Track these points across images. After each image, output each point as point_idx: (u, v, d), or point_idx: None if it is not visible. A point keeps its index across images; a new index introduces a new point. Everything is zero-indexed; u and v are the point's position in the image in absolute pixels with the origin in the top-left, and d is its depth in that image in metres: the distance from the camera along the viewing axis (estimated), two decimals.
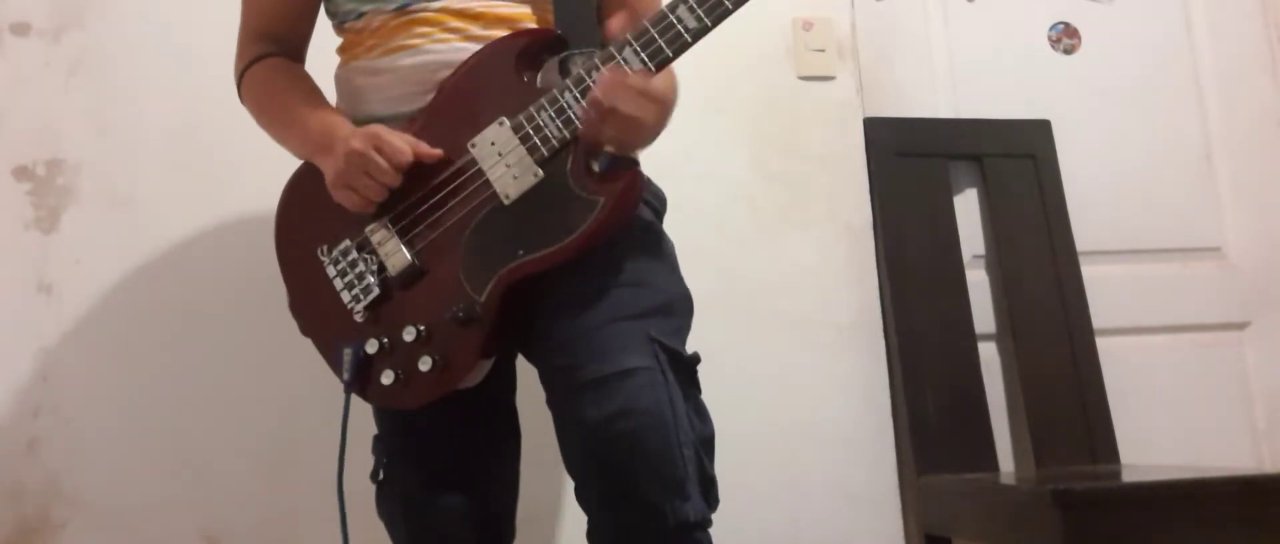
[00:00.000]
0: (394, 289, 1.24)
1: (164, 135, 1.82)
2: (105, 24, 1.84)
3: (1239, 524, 1.51)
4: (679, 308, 1.26)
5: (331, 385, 1.42)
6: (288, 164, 1.35)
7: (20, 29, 1.82)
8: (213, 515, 1.74)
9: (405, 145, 1.21)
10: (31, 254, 1.76)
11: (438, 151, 1.23)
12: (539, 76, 1.27)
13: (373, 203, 1.23)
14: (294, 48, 1.41)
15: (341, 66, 1.39)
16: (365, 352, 1.23)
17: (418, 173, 1.22)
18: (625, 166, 1.23)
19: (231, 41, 1.41)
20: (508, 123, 1.21)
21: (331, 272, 1.27)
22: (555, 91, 1.20)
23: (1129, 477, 1.73)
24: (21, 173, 1.79)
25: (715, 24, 1.19)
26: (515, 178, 1.21)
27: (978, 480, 1.81)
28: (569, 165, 1.20)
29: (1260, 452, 2.16)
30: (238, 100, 1.40)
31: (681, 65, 1.46)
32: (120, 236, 1.78)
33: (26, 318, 1.74)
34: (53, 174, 1.79)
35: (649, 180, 1.34)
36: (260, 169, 1.46)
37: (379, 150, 1.20)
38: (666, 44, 1.18)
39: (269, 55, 1.37)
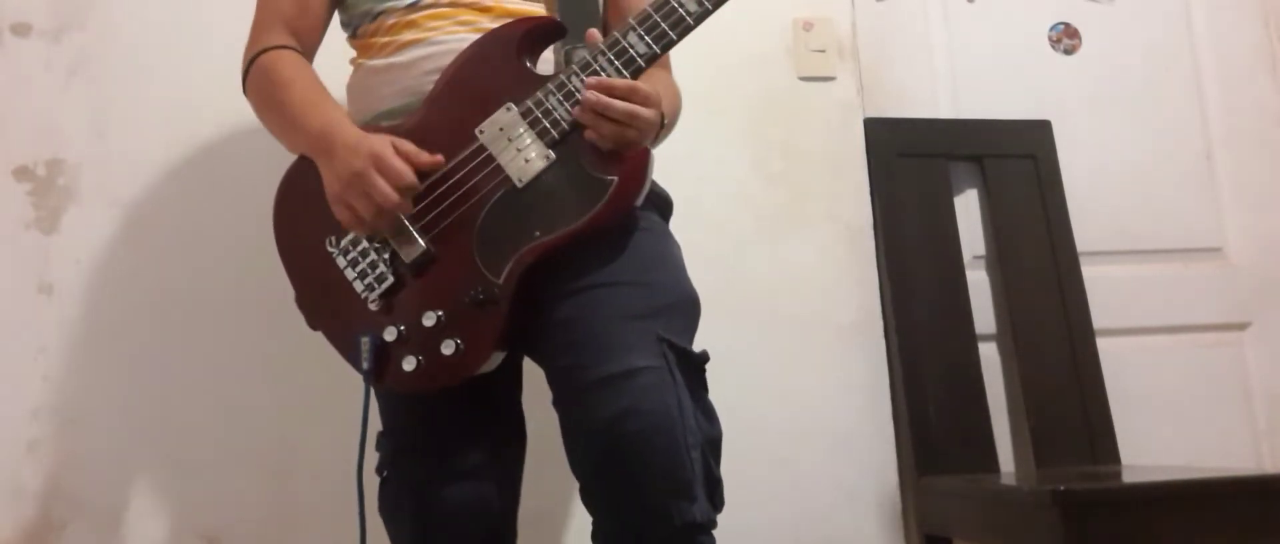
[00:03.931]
0: (408, 276, 1.24)
1: (164, 135, 1.81)
2: (105, 24, 1.84)
3: (1239, 524, 1.51)
4: (686, 308, 1.26)
5: (331, 384, 1.42)
6: (288, 163, 1.35)
7: (20, 29, 1.82)
8: (213, 515, 1.73)
9: (405, 167, 1.20)
10: (31, 254, 1.76)
11: (438, 158, 1.23)
12: (540, 65, 1.29)
13: (369, 224, 1.22)
14: (306, 47, 1.40)
15: (354, 74, 1.40)
16: (383, 340, 1.23)
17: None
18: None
19: (232, 41, 1.41)
20: (516, 108, 1.23)
21: (342, 262, 1.27)
22: (562, 76, 1.22)
23: (1129, 477, 1.73)
24: (21, 173, 1.78)
25: (715, 7, 1.22)
26: (527, 161, 1.22)
27: (978, 481, 1.81)
28: (580, 147, 1.21)
29: (1260, 452, 2.16)
30: (241, 95, 1.39)
31: (682, 65, 1.47)
32: (120, 236, 1.78)
33: (26, 318, 1.74)
34: (53, 174, 1.79)
35: (655, 182, 1.35)
36: (260, 169, 1.45)
37: (381, 172, 1.20)
38: (670, 28, 1.21)
39: (280, 47, 1.36)
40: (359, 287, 1.26)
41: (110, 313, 1.76)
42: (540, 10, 1.34)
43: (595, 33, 1.23)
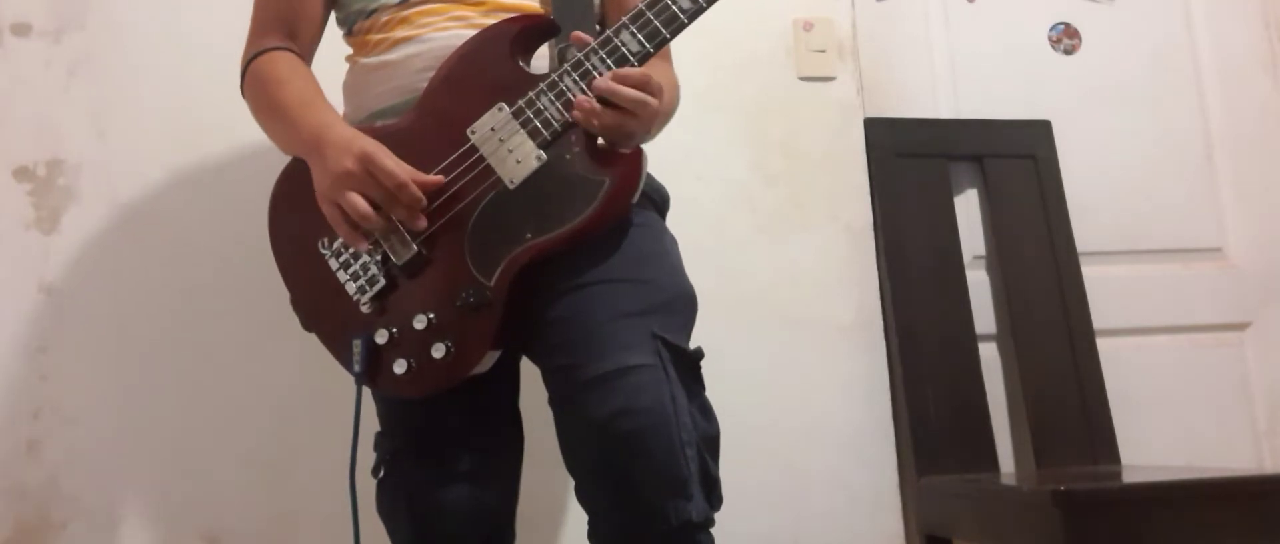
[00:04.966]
0: (399, 278, 1.23)
1: (164, 135, 1.81)
2: (105, 24, 1.84)
3: (1239, 524, 1.51)
4: (682, 305, 1.25)
5: (330, 385, 1.42)
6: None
7: (20, 29, 1.82)
8: (213, 516, 1.73)
9: (398, 169, 1.19)
10: (31, 254, 1.76)
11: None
12: (533, 63, 1.28)
13: (355, 229, 1.21)
14: (303, 48, 1.40)
15: (350, 71, 1.40)
16: (375, 342, 1.23)
17: (417, 162, 1.22)
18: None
19: (232, 41, 1.41)
20: (507, 108, 1.22)
21: (334, 264, 1.26)
22: (555, 75, 1.21)
23: (1129, 477, 1.73)
24: (21, 173, 1.78)
25: (709, 4, 1.21)
26: (518, 162, 1.21)
27: (978, 481, 1.81)
28: (572, 148, 1.20)
29: (1260, 452, 2.16)
30: (239, 95, 1.39)
31: (682, 65, 1.47)
32: (120, 236, 1.78)
33: (26, 318, 1.74)
34: (53, 174, 1.79)
35: (651, 177, 1.34)
36: (260, 169, 1.45)
37: (371, 173, 1.19)
38: (663, 25, 1.20)
39: (278, 49, 1.36)
40: (351, 288, 1.25)
41: (110, 313, 1.76)
42: (534, 7, 1.33)
43: (582, 34, 1.22)
